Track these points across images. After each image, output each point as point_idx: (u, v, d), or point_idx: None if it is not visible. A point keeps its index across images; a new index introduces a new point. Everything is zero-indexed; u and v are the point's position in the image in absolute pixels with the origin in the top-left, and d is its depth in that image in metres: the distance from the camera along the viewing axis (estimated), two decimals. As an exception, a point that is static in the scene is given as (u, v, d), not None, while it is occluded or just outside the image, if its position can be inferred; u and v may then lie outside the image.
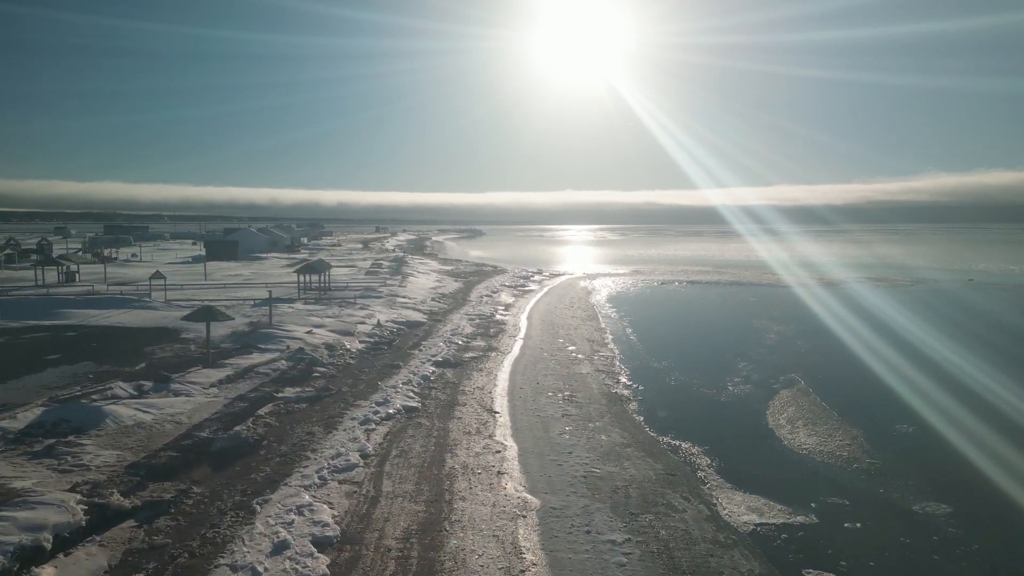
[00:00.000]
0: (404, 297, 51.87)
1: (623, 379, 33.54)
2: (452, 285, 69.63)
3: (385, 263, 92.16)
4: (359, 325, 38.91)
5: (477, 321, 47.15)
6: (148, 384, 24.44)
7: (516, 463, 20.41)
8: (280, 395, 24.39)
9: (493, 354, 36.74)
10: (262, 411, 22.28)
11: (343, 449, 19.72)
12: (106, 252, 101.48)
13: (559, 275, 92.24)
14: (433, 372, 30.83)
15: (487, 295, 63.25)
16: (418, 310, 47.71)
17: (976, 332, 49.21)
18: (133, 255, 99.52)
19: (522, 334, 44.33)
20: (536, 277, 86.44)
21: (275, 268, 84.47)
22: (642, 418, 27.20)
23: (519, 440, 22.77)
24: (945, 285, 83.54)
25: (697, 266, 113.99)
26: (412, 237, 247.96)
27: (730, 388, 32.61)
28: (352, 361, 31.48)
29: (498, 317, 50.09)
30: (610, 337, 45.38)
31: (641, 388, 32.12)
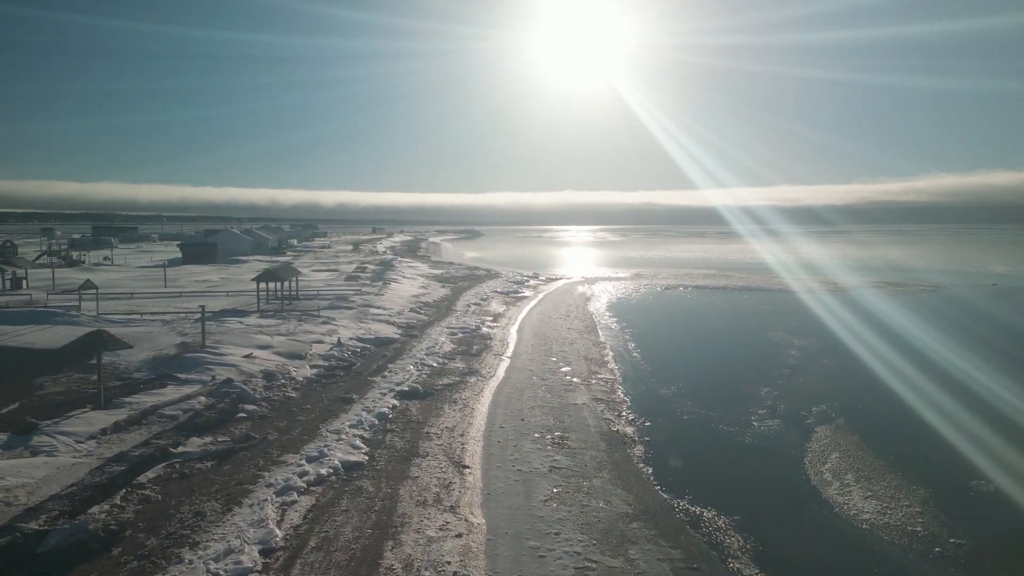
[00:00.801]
0: (379, 308, 46.38)
1: (626, 412, 28.06)
2: (438, 292, 64.13)
3: (370, 267, 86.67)
4: (315, 345, 33.41)
5: (459, 336, 41.65)
6: (1, 437, 18.87)
7: (482, 557, 14.91)
8: (178, 450, 18.91)
9: (473, 379, 31.24)
10: (144, 477, 16.86)
11: (238, 542, 14.18)
12: (75, 255, 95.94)
13: (556, 280, 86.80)
14: (394, 407, 25.33)
15: (475, 303, 57.76)
16: (392, 323, 42.22)
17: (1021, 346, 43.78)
18: (105, 258, 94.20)
19: (510, 351, 38.84)
20: (531, 282, 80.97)
21: (250, 273, 78.82)
22: (651, 470, 21.72)
23: (491, 513, 17.29)
24: (966, 291, 78.06)
25: (701, 269, 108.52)
26: (408, 238, 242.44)
27: (755, 424, 27.11)
28: (294, 394, 25.96)
29: (484, 330, 44.58)
30: (610, 354, 39.94)
31: (648, 424, 26.66)
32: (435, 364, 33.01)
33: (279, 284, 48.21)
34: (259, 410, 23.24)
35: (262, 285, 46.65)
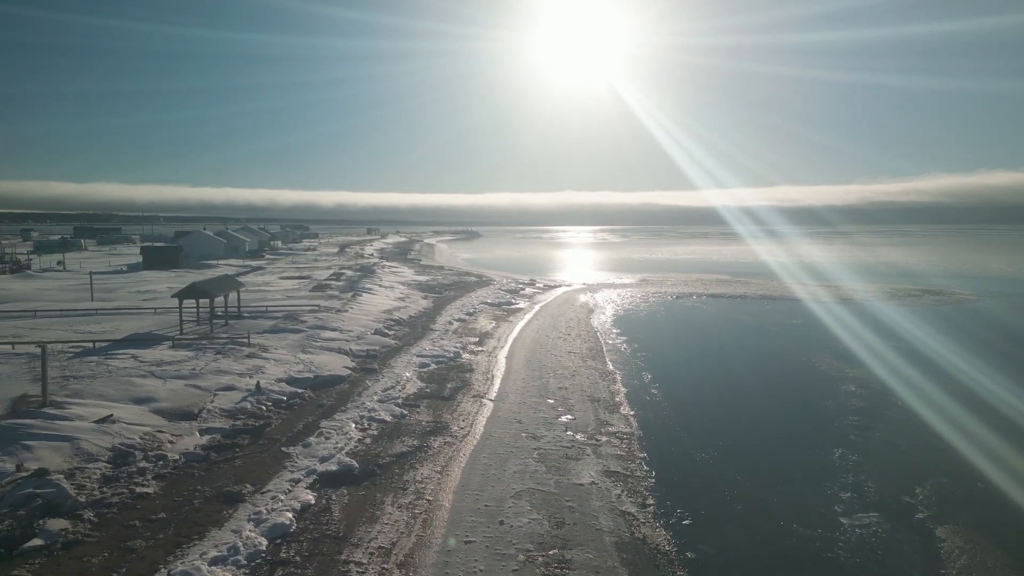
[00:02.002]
0: (335, 330, 37.58)
1: (652, 498, 19.52)
2: (418, 304, 55.54)
3: (348, 273, 78.06)
4: (221, 393, 24.65)
5: (432, 368, 33.07)
6: None
7: None
8: None
9: (439, 442, 22.66)
10: None
11: None
12: (25, 259, 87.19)
13: (555, 287, 78.19)
14: (304, 509, 16.65)
15: (460, 319, 49.18)
16: (347, 352, 33.54)
17: None
18: (59, 263, 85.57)
19: (495, 390, 30.27)
20: (527, 290, 72.37)
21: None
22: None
23: None
24: (1008, 301, 69.55)
25: (712, 274, 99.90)
26: (402, 239, 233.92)
27: (844, 523, 18.52)
28: (152, 488, 17.15)
29: (465, 358, 35.99)
30: (622, 391, 31.42)
31: (687, 522, 18.15)
32: (389, 418, 24.39)
33: (218, 300, 39.29)
34: (70, 531, 14.52)
35: (190, 303, 37.82)
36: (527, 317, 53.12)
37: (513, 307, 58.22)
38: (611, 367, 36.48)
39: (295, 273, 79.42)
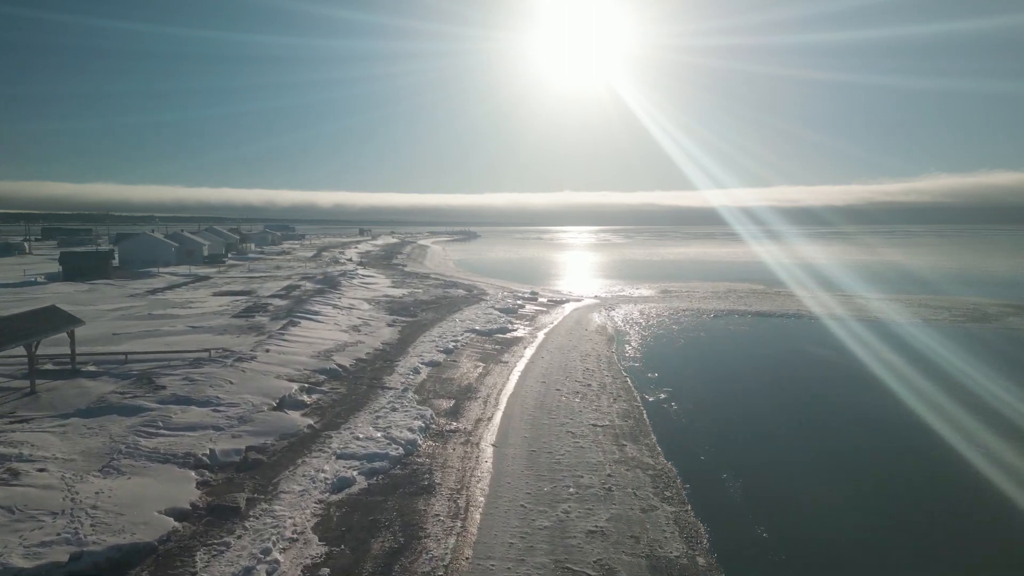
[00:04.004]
0: (212, 402, 21.63)
1: None
2: (379, 335, 40.89)
3: (306, 285, 63.35)
4: None
5: (355, 490, 18.40)
6: None
7: None
8: None
9: None
10: None
11: None
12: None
13: (562, 302, 63.66)
14: None
15: (432, 362, 34.60)
16: (200, 461, 18.03)
17: None
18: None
19: (466, 551, 15.75)
20: (527, 308, 57.85)
21: (112, 299, 55.33)
22: None
23: None
24: None
25: (743, 283, 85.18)
26: (393, 241, 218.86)
27: None
28: None
29: (423, 452, 21.45)
30: (706, 537, 17.01)
31: None
32: None
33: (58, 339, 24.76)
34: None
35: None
36: (528, 353, 38.59)
37: (509, 336, 43.69)
38: (666, 462, 21.97)
39: (240, 287, 64.61)
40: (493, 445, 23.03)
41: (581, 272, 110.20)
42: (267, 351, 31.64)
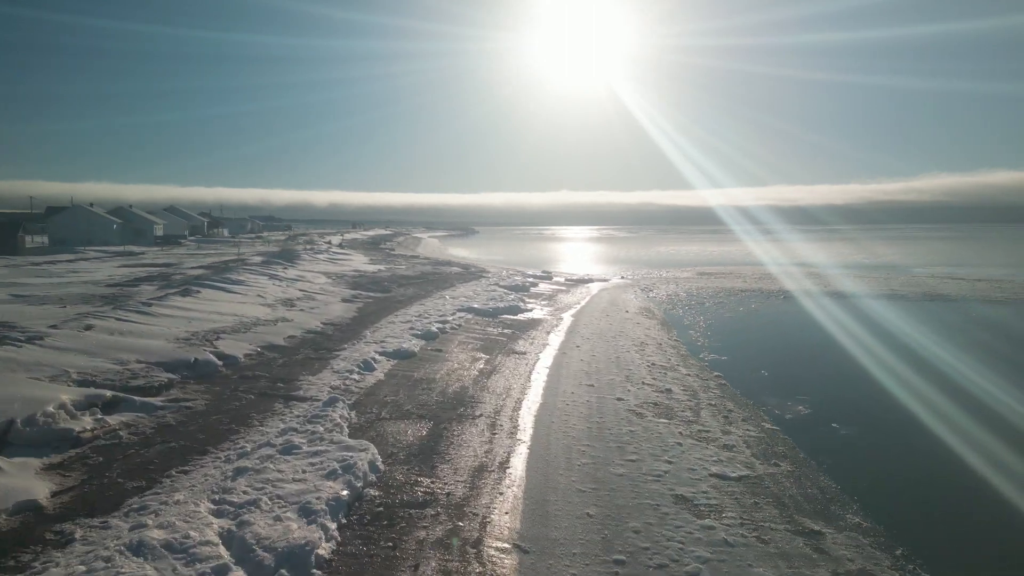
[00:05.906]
0: None
1: None
2: (313, 316, 27.02)
3: (254, 259, 49.29)
4: None
5: None
6: None
7: None
8: None
9: None
10: None
11: None
12: None
13: (585, 281, 49.96)
14: None
15: (387, 355, 20.78)
16: None
17: None
18: None
19: None
20: (542, 286, 44.10)
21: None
22: None
23: None
24: None
25: (804, 266, 71.25)
26: (385, 232, 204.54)
27: None
28: None
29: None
30: None
31: None
32: None
33: None
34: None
35: None
36: (555, 341, 24.72)
37: (522, 317, 29.83)
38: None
39: (166, 261, 50.57)
40: (518, 547, 9.12)
41: (596, 259, 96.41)
42: (86, 329, 17.80)
